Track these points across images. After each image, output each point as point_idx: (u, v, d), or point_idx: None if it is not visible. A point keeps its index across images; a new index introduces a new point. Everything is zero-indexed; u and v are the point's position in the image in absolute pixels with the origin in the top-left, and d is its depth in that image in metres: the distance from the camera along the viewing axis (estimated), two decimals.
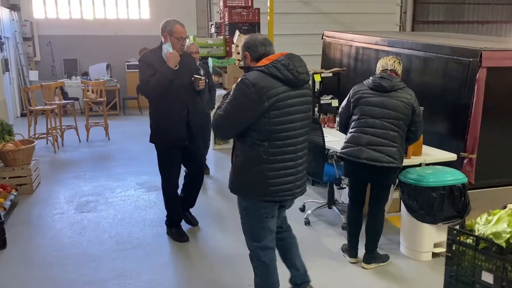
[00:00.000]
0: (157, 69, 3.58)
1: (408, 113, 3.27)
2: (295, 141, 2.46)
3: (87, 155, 7.23)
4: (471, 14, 15.26)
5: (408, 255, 3.64)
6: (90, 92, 8.31)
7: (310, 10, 12.26)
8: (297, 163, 2.48)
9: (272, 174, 2.44)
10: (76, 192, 5.40)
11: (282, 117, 2.39)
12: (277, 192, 2.47)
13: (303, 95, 2.48)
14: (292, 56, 2.44)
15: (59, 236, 4.14)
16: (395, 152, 3.25)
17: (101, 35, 12.03)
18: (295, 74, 2.39)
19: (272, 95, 2.34)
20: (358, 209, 3.56)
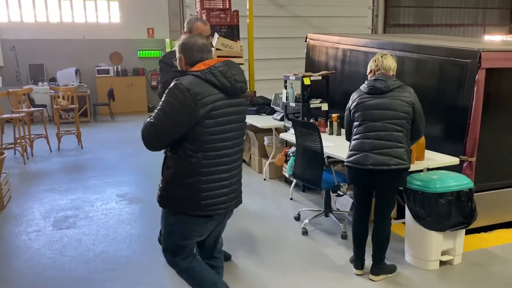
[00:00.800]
0: None
1: (409, 111, 3.15)
2: (230, 151, 2.34)
3: (59, 166, 6.81)
4: (440, 18, 15.62)
5: (414, 264, 3.51)
6: (60, 98, 7.86)
7: (285, 13, 12.18)
8: (231, 174, 2.36)
9: (205, 187, 2.28)
10: (52, 206, 5.02)
11: (218, 126, 2.25)
12: (209, 205, 2.31)
13: (239, 105, 2.36)
14: (230, 64, 2.31)
15: (38, 257, 3.78)
16: (402, 152, 3.12)
17: (69, 39, 11.54)
18: (232, 82, 2.26)
19: (207, 102, 2.19)
20: (365, 219, 3.39)
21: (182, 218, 2.34)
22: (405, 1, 15.03)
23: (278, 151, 5.81)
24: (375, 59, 3.37)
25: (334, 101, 5.39)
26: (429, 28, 15.50)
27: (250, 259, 3.69)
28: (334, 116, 4.94)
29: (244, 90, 2.38)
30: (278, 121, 5.96)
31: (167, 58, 3.44)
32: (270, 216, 4.64)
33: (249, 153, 6.55)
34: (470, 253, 3.66)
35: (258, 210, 4.83)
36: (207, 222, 2.38)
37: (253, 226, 4.36)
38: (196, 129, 2.19)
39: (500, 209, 4.16)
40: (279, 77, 10.58)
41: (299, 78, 5.23)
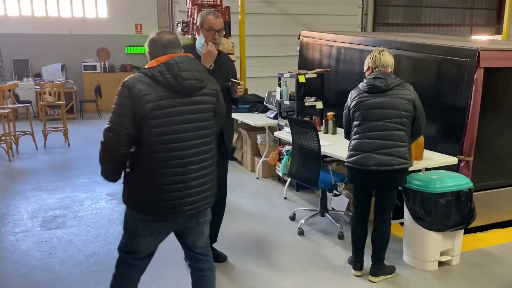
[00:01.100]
0: None
1: (409, 109, 3.10)
2: (185, 153, 2.19)
3: (46, 163, 6.63)
4: (428, 17, 15.73)
5: (413, 265, 3.47)
6: (47, 94, 7.66)
7: (274, 10, 12.10)
8: (187, 177, 2.21)
9: (156, 189, 2.18)
10: (40, 205, 4.87)
11: (166, 126, 2.14)
12: (160, 209, 2.21)
13: (196, 103, 2.22)
14: (183, 60, 2.18)
15: (26, 259, 3.65)
16: (405, 151, 3.07)
17: (55, 34, 11.30)
18: (179, 79, 2.14)
19: (150, 100, 2.09)
20: (364, 219, 3.34)
21: (136, 215, 2.28)
22: (394, 0, 15.09)
23: (271, 150, 5.74)
24: (372, 56, 3.30)
25: (328, 100, 5.33)
26: (418, 27, 15.59)
27: (247, 260, 3.61)
28: (329, 115, 4.89)
29: (197, 87, 2.20)
30: (272, 119, 5.89)
31: None
32: (264, 216, 4.57)
33: (241, 151, 6.47)
34: (468, 253, 3.64)
35: (253, 210, 4.75)
36: (159, 223, 2.27)
37: (248, 226, 4.29)
38: (143, 129, 2.11)
39: (496, 209, 4.15)
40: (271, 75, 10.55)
41: (294, 76, 5.16)
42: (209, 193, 2.35)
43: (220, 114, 2.42)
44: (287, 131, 5.06)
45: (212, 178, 2.36)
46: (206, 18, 3.14)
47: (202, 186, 2.29)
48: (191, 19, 8.05)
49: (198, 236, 2.44)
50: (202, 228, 2.44)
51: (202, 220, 2.41)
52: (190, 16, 8.06)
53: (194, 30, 7.85)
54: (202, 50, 3.10)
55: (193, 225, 2.38)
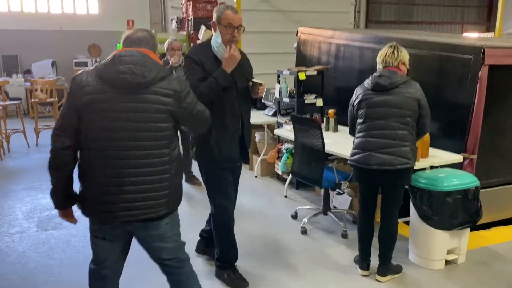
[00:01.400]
0: (208, 70, 2.85)
1: (414, 108, 3.05)
2: (121, 154, 2.04)
3: (39, 162, 6.49)
4: (420, 15, 15.78)
5: (419, 264, 3.44)
6: (38, 91, 7.51)
7: (267, 7, 12.02)
8: (122, 181, 2.05)
9: (92, 188, 2.09)
10: (35, 205, 4.75)
11: (100, 122, 2.03)
12: (94, 211, 2.13)
13: (141, 102, 2.04)
14: (128, 54, 2.05)
15: (24, 261, 3.54)
16: (407, 151, 3.02)
17: (45, 30, 11.08)
18: (114, 74, 2.02)
19: (88, 92, 2.02)
20: (370, 218, 3.30)
21: None
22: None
23: (270, 148, 5.69)
24: (385, 53, 3.18)
25: (327, 97, 5.29)
26: (410, 25, 15.61)
27: (250, 260, 3.55)
28: (330, 112, 4.84)
29: (136, 84, 2.01)
30: (270, 116, 5.83)
31: (196, 54, 2.92)
32: (265, 215, 4.51)
33: None
34: (473, 251, 3.62)
35: (253, 209, 4.69)
36: (105, 225, 2.18)
37: (250, 225, 4.22)
38: (81, 123, 2.04)
39: (498, 207, 4.14)
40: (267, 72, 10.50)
41: (294, 73, 5.10)
42: (154, 203, 2.11)
43: (185, 118, 2.19)
44: (288, 129, 5.01)
45: (163, 186, 2.12)
46: (224, 13, 2.85)
47: (143, 194, 2.08)
48: (186, 15, 7.95)
49: (159, 251, 2.26)
50: (160, 243, 2.23)
51: (155, 233, 2.19)
52: (185, 12, 7.97)
53: (190, 26, 7.76)
54: (219, 51, 2.85)
55: (144, 236, 2.20)
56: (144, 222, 2.14)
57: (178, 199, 2.28)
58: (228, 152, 3.00)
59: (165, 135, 2.11)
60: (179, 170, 2.24)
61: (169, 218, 2.22)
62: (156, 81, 2.05)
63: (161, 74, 2.08)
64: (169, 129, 2.12)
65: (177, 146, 2.22)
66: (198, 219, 4.38)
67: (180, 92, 2.12)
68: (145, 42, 2.15)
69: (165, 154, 2.12)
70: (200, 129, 2.48)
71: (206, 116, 2.34)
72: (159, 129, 2.08)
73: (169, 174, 2.13)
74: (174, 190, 2.20)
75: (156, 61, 2.11)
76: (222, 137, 2.96)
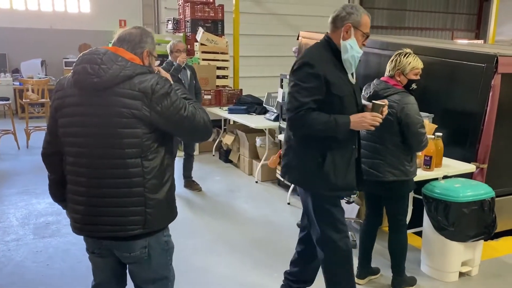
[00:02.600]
0: (331, 82, 2.34)
1: (388, 125, 2.80)
2: (86, 162, 1.86)
3: (31, 165, 6.28)
4: (411, 21, 15.91)
5: (433, 276, 3.37)
6: (30, 92, 7.28)
7: (261, 10, 11.94)
8: (89, 191, 1.87)
9: (68, 196, 1.96)
10: (30, 211, 4.56)
11: (67, 127, 1.89)
12: (72, 220, 1.97)
13: (105, 105, 1.81)
14: (91, 51, 1.85)
15: (22, 271, 3.37)
16: (379, 165, 2.93)
17: (34, 28, 10.80)
18: (73, 75, 1.85)
19: (57, 97, 1.91)
20: (371, 225, 3.27)
21: None
22: (379, 3, 15.18)
23: (271, 153, 5.58)
24: (390, 62, 3.06)
25: None
26: (401, 30, 15.72)
27: (260, 270, 3.44)
28: None
29: (95, 84, 1.79)
30: (272, 121, 5.72)
31: (319, 62, 2.39)
32: (270, 222, 4.40)
33: (237, 154, 6.28)
34: (485, 262, 3.56)
35: (257, 216, 4.57)
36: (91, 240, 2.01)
37: (256, 234, 4.11)
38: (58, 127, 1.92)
39: (508, 216, 4.10)
40: (263, 75, 10.40)
41: None
42: (123, 220, 1.86)
43: (163, 124, 1.86)
44: None
45: (134, 202, 1.86)
46: (363, 17, 2.40)
47: (107, 207, 1.86)
48: (183, 16, 7.81)
49: (133, 275, 2.07)
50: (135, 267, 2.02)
51: (128, 255, 1.95)
52: (182, 13, 7.83)
53: (187, 27, 7.62)
54: (351, 61, 2.42)
55: (119, 256, 1.99)
56: (114, 240, 1.92)
57: (164, 219, 1.97)
58: (344, 178, 2.48)
59: (134, 142, 1.82)
60: (161, 183, 1.91)
61: (147, 241, 1.94)
62: (118, 82, 1.79)
63: (126, 73, 1.80)
64: (139, 136, 1.82)
65: (159, 156, 1.89)
66: (200, 226, 4.26)
67: (152, 94, 1.80)
68: (128, 39, 1.93)
69: (135, 164, 1.83)
70: (193, 139, 2.16)
71: (199, 124, 1.93)
72: (124, 135, 1.81)
73: (141, 187, 1.85)
74: (155, 207, 1.89)
75: (126, 59, 1.84)
76: (340, 161, 2.45)
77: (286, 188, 5.21)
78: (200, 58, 7.23)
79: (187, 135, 2.03)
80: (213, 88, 7.17)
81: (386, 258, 3.29)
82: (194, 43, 7.42)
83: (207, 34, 7.26)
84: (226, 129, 6.84)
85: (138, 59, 1.92)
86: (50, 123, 1.98)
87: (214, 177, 5.84)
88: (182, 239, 3.76)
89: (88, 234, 1.96)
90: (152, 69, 1.96)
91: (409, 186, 3.08)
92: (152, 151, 1.87)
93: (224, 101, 7.13)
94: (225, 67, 7.51)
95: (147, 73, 1.86)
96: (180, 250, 2.13)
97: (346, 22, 2.39)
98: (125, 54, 1.88)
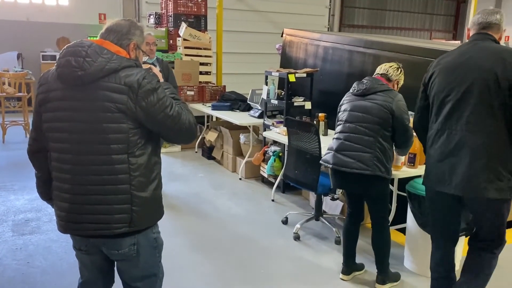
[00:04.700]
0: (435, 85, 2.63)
1: (385, 117, 2.97)
2: (71, 158, 1.81)
3: (8, 161, 6.11)
4: (391, 21, 16.13)
5: (416, 271, 3.42)
6: (6, 85, 7.08)
7: (243, 7, 11.90)
8: (73, 188, 1.82)
9: (54, 194, 1.92)
10: (8, 208, 4.44)
11: (51, 122, 1.84)
12: (58, 218, 1.91)
13: (85, 98, 1.76)
14: (76, 44, 1.80)
15: (1, 269, 3.28)
16: (368, 158, 2.97)
17: (10, 20, 10.50)
18: (57, 68, 1.80)
19: (41, 91, 1.86)
20: (353, 222, 3.32)
21: None
22: (360, 2, 15.32)
23: (255, 150, 5.58)
24: (384, 64, 3.27)
25: (313, 100, 5.23)
26: (382, 30, 15.93)
27: (245, 268, 3.43)
28: (321, 116, 4.78)
29: (79, 77, 1.74)
30: (256, 118, 5.72)
31: None
32: (255, 220, 4.39)
33: (221, 151, 6.25)
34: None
35: (241, 213, 4.56)
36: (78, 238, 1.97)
37: (241, 231, 4.10)
38: (42, 123, 1.87)
39: None
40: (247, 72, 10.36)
41: (284, 75, 5.01)
42: (108, 218, 1.82)
43: (146, 121, 1.81)
44: (276, 131, 4.92)
45: (120, 199, 1.81)
46: None
47: (91, 205, 1.82)
48: (166, 10, 7.72)
49: (121, 273, 2.04)
50: (123, 264, 1.99)
51: (114, 252, 1.92)
52: (165, 7, 7.73)
53: (170, 22, 7.54)
54: None
55: (107, 253, 1.95)
56: (102, 238, 1.88)
57: (150, 218, 1.93)
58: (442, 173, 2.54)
59: (120, 138, 1.77)
60: (147, 181, 1.86)
61: (136, 238, 1.91)
62: (103, 75, 1.75)
63: (112, 66, 1.76)
64: (125, 131, 1.77)
65: (146, 153, 1.85)
66: (183, 224, 4.22)
67: (138, 88, 1.75)
68: (115, 30, 1.89)
69: (121, 161, 1.78)
70: (176, 140, 2.04)
71: (183, 126, 1.89)
72: (109, 131, 1.76)
73: (127, 184, 1.80)
74: (142, 206, 1.84)
75: (112, 52, 1.80)
76: (442, 154, 2.53)
77: (270, 185, 5.21)
78: (182, 53, 7.16)
79: (170, 135, 1.93)
80: (196, 84, 7.12)
81: (370, 254, 3.33)
82: (176, 38, 7.34)
83: (190, 29, 7.20)
84: (209, 126, 6.80)
85: (125, 52, 1.87)
86: (35, 118, 1.92)
87: (197, 174, 5.80)
88: (165, 237, 3.67)
89: (73, 232, 1.91)
90: (139, 63, 1.90)
91: (388, 185, 3.18)
92: (139, 148, 1.82)
93: (207, 97, 7.08)
94: (208, 63, 7.46)
95: (134, 66, 1.82)
96: (164, 248, 2.09)
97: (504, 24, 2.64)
98: (111, 46, 1.83)
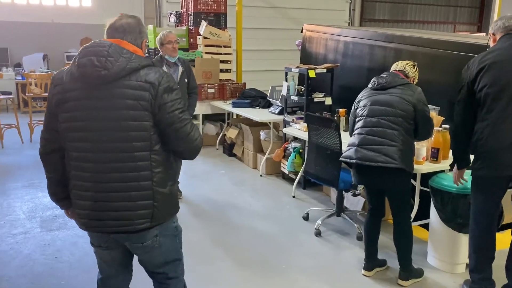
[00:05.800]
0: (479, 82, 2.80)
1: (407, 109, 2.98)
2: (92, 157, 1.84)
3: (34, 159, 6.25)
4: (413, 14, 15.85)
5: (440, 267, 3.38)
6: (33, 86, 7.28)
7: (262, 4, 11.89)
8: (96, 186, 1.85)
9: (72, 192, 1.94)
10: (36, 204, 4.58)
11: (71, 122, 1.84)
12: (78, 216, 1.95)
13: (107, 97, 1.79)
14: (94, 44, 1.83)
15: (31, 263, 3.39)
16: (393, 151, 2.95)
17: (36, 22, 10.76)
18: (77, 68, 1.81)
19: (57, 92, 1.86)
20: (374, 218, 3.30)
21: None
22: None
23: (275, 146, 5.59)
24: (400, 62, 3.32)
25: (333, 95, 5.20)
26: (403, 24, 15.67)
27: (269, 264, 3.45)
28: (342, 111, 4.75)
29: (102, 77, 1.77)
30: (276, 115, 5.72)
31: None
32: (276, 216, 4.41)
33: (241, 147, 6.28)
34: None
35: (262, 209, 4.58)
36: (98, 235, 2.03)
37: (262, 227, 4.12)
38: (59, 122, 1.88)
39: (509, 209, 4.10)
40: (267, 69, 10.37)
41: (303, 71, 5.00)
42: (131, 214, 1.86)
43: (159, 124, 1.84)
44: (296, 128, 4.92)
45: (143, 196, 1.85)
46: None
47: (115, 202, 1.85)
48: (186, 9, 7.78)
49: (145, 263, 2.11)
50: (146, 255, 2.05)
51: (138, 245, 1.98)
52: (185, 6, 7.80)
53: (190, 21, 7.60)
54: None
55: (130, 247, 2.02)
56: (125, 233, 1.93)
57: (169, 212, 1.99)
58: None
59: (142, 135, 1.81)
60: (167, 177, 1.92)
61: (158, 230, 1.97)
62: (125, 74, 1.79)
63: (133, 65, 1.80)
64: (147, 128, 1.81)
65: (166, 150, 1.91)
66: (204, 220, 4.27)
67: (158, 85, 1.80)
68: (129, 31, 1.91)
69: (143, 158, 1.83)
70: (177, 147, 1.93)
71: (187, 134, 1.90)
72: (132, 128, 1.80)
73: (150, 181, 1.85)
74: (162, 201, 1.89)
75: (131, 52, 1.85)
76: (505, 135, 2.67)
77: (291, 182, 5.22)
78: (203, 51, 7.21)
79: (173, 139, 1.89)
80: (217, 82, 7.16)
81: (393, 250, 3.30)
82: (197, 37, 7.40)
83: (210, 27, 7.24)
84: (229, 123, 6.84)
85: (141, 51, 1.93)
86: (48, 119, 1.93)
87: (218, 170, 5.85)
88: (186, 232, 3.75)
89: (95, 229, 1.97)
90: (156, 62, 1.98)
91: (410, 180, 3.17)
92: (160, 145, 1.88)
93: (228, 94, 7.12)
94: (228, 61, 7.49)
95: (152, 65, 1.88)
96: (184, 244, 2.15)
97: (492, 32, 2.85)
98: (129, 46, 1.88)
